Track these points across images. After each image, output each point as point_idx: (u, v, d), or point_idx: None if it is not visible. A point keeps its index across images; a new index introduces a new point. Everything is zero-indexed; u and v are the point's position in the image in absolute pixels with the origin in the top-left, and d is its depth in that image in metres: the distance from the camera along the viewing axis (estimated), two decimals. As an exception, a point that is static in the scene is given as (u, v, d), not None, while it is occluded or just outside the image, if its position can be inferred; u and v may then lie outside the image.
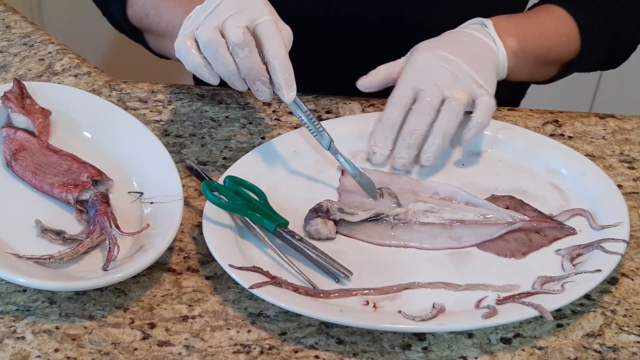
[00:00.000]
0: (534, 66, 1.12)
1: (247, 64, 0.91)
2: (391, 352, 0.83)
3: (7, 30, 1.26)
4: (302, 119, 0.98)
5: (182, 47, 0.94)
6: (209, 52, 0.92)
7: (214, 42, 0.91)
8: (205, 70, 0.93)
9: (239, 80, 0.93)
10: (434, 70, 1.00)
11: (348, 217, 0.94)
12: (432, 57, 1.01)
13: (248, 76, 0.93)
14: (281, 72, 0.92)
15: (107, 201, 0.93)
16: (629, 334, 0.85)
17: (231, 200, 0.93)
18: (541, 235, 0.94)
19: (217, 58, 0.92)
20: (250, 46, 0.91)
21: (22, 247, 0.90)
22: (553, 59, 1.13)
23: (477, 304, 0.86)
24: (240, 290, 0.88)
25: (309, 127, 0.98)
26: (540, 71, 1.15)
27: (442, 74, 1.00)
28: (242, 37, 0.90)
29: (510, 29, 1.07)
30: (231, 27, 0.91)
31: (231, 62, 0.92)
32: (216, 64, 0.92)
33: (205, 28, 0.92)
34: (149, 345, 0.83)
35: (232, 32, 0.90)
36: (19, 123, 1.01)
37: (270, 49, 0.91)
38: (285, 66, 0.92)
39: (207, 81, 0.94)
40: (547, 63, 1.14)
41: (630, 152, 1.08)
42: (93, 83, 1.15)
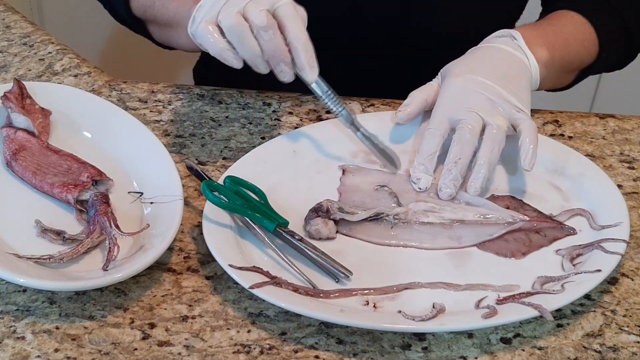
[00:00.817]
0: (560, 74, 1.11)
1: (272, 46, 0.92)
2: (391, 352, 0.83)
3: (7, 30, 1.26)
4: (323, 99, 0.99)
5: (205, 33, 0.94)
6: (234, 36, 0.93)
7: (238, 26, 0.92)
8: (229, 54, 0.94)
9: (263, 62, 0.94)
10: (471, 98, 0.98)
11: (348, 217, 0.94)
12: (467, 83, 1.00)
13: (272, 58, 0.93)
14: (303, 53, 0.93)
15: (107, 201, 0.93)
16: (629, 334, 0.85)
17: (231, 200, 0.93)
18: (541, 235, 0.94)
19: (242, 41, 0.92)
20: (273, 28, 0.92)
21: (22, 247, 0.90)
22: (576, 65, 1.13)
23: (477, 304, 0.86)
24: (240, 290, 0.88)
25: (330, 106, 0.99)
26: (564, 79, 1.14)
27: (479, 101, 0.98)
28: (265, 19, 0.91)
29: (539, 39, 1.05)
30: (254, 11, 0.92)
31: (255, 45, 0.92)
32: (241, 47, 0.93)
33: (228, 13, 0.92)
34: (149, 345, 0.83)
35: (255, 16, 0.91)
36: (19, 123, 1.01)
37: (292, 31, 0.92)
38: (307, 47, 0.93)
39: (230, 65, 0.94)
40: (571, 70, 1.13)
41: (630, 152, 1.08)
42: (93, 83, 1.15)
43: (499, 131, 0.96)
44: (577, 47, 1.11)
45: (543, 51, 1.04)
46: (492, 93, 0.98)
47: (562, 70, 1.10)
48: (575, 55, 1.11)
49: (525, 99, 1.00)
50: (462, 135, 0.96)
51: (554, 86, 1.15)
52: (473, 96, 0.99)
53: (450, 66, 1.03)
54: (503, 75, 1.01)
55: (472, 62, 1.03)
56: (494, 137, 0.96)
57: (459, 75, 1.01)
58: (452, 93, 1.00)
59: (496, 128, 0.96)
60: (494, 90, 0.99)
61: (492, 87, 0.99)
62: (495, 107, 0.98)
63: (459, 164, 0.96)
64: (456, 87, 1.00)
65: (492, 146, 0.96)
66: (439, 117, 0.99)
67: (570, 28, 1.12)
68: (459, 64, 1.03)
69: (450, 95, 1.00)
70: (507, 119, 0.98)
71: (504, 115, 0.98)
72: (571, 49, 1.10)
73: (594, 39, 1.12)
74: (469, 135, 0.96)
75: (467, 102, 0.98)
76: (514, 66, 1.02)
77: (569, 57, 1.10)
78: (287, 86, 1.00)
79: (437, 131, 0.99)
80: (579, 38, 1.11)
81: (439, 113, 1.00)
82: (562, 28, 1.11)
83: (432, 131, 0.99)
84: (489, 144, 0.96)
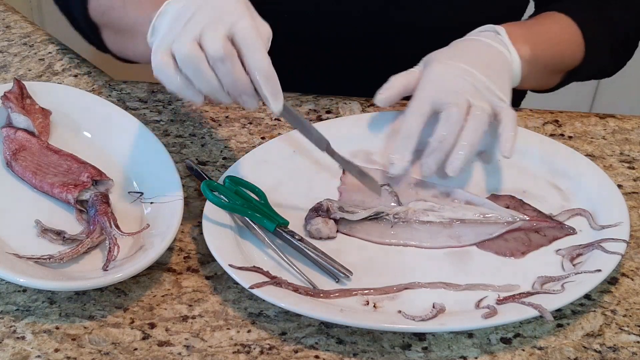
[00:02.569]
0: (542, 74, 1.11)
1: (230, 78, 0.85)
2: (391, 352, 0.83)
3: (7, 30, 1.26)
4: (295, 125, 0.94)
5: (160, 66, 0.85)
6: (189, 69, 0.84)
7: (193, 58, 0.83)
8: (187, 92, 0.86)
9: (224, 94, 0.87)
10: (456, 82, 0.98)
11: (348, 216, 0.94)
12: (450, 69, 0.99)
13: (233, 90, 0.86)
14: (265, 84, 0.85)
15: (107, 201, 0.93)
16: (629, 334, 0.85)
17: (231, 200, 0.93)
18: (541, 234, 0.94)
19: (198, 74, 0.84)
20: (231, 59, 0.84)
21: (22, 247, 0.89)
22: (560, 67, 1.13)
23: (477, 304, 0.86)
24: (240, 290, 0.88)
25: (303, 132, 0.94)
26: (547, 79, 1.14)
27: (464, 85, 0.98)
28: (222, 50, 0.83)
29: (523, 36, 1.05)
30: (209, 39, 0.83)
31: (213, 78, 0.85)
32: (197, 80, 0.85)
33: (182, 42, 0.84)
34: (149, 345, 0.83)
35: (211, 45, 0.83)
36: (19, 123, 1.01)
37: (252, 59, 0.84)
38: (268, 77, 0.85)
39: (191, 101, 0.87)
40: (554, 71, 1.13)
41: (630, 152, 1.08)
42: (93, 83, 1.15)
43: (483, 113, 0.96)
44: (562, 48, 1.11)
45: (526, 48, 1.04)
46: (475, 79, 0.98)
47: (545, 70, 1.10)
48: (560, 56, 1.11)
49: (506, 90, 1.00)
50: (449, 115, 0.95)
51: (537, 86, 1.15)
52: (457, 81, 0.98)
53: (433, 54, 1.03)
54: (485, 65, 1.00)
55: (456, 51, 1.03)
56: (478, 117, 0.96)
57: (443, 62, 1.00)
58: (435, 77, 0.99)
59: (480, 110, 0.96)
60: (476, 77, 0.98)
61: (475, 74, 0.99)
62: (478, 92, 0.98)
63: (443, 143, 0.95)
64: (440, 71, 0.99)
65: (477, 127, 0.95)
66: (420, 97, 0.98)
67: (556, 29, 1.11)
68: (442, 52, 1.03)
69: (433, 79, 0.99)
70: (489, 105, 0.98)
71: (487, 101, 0.98)
72: (555, 49, 1.10)
73: (580, 42, 1.12)
74: (456, 115, 0.95)
75: (452, 85, 0.98)
76: (496, 59, 1.02)
77: (553, 58, 1.10)
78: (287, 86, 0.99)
79: (419, 111, 0.97)
80: (564, 39, 1.11)
81: (421, 94, 0.98)
82: (547, 28, 1.11)
83: (414, 110, 0.98)
84: (473, 123, 0.95)
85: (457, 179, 1.00)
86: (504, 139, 0.95)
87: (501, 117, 0.97)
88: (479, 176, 1.01)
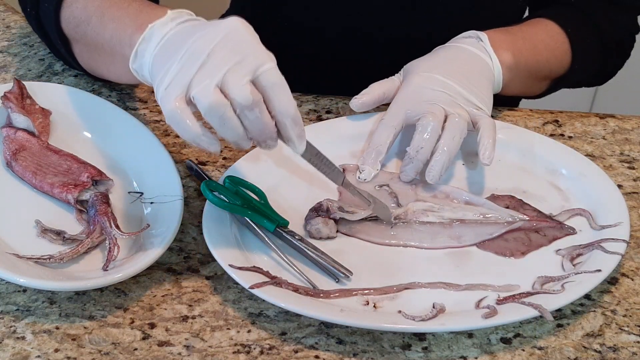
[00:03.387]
0: (527, 80, 1.11)
1: (258, 125, 0.81)
2: (391, 352, 0.83)
3: (7, 30, 1.26)
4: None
5: (176, 114, 0.80)
6: (215, 119, 0.80)
7: (219, 107, 0.79)
8: (205, 140, 0.81)
9: (246, 141, 0.83)
10: (430, 95, 0.99)
11: (348, 216, 0.94)
12: (426, 81, 1.00)
13: (258, 137, 0.82)
14: (293, 129, 0.83)
15: (107, 201, 0.93)
16: (629, 334, 0.85)
17: (231, 200, 0.93)
18: (541, 234, 0.94)
19: (224, 123, 0.80)
20: (260, 106, 0.80)
21: (22, 247, 0.89)
22: (545, 73, 1.12)
23: (477, 304, 0.86)
24: (240, 290, 0.88)
25: (321, 168, 0.90)
26: (532, 86, 1.14)
27: (438, 96, 0.99)
28: (250, 97, 0.79)
29: (505, 42, 1.05)
30: (235, 85, 0.79)
31: (239, 126, 0.81)
32: (222, 129, 0.81)
33: (205, 88, 0.79)
34: (149, 345, 0.83)
35: (238, 92, 0.79)
36: (19, 123, 1.01)
37: (279, 104, 0.81)
38: (296, 121, 0.82)
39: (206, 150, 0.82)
40: (539, 78, 1.13)
41: (630, 152, 1.08)
42: (93, 83, 1.15)
43: (460, 119, 0.97)
44: (547, 55, 1.11)
45: (507, 55, 1.05)
46: (451, 91, 0.99)
47: (529, 77, 1.10)
48: (545, 62, 1.11)
49: (485, 99, 1.01)
50: (425, 124, 0.97)
51: (522, 92, 1.15)
52: (432, 93, 0.99)
53: (413, 64, 1.04)
54: (464, 74, 1.01)
55: (434, 60, 1.04)
56: (456, 124, 0.97)
57: (419, 74, 1.01)
58: (411, 90, 1.00)
59: (458, 117, 0.97)
60: (453, 89, 0.99)
61: (451, 86, 0.99)
62: (455, 102, 0.99)
63: (420, 152, 0.96)
64: (415, 84, 1.00)
65: (454, 133, 0.96)
66: (394, 110, 1.00)
67: (542, 36, 1.11)
68: (421, 63, 1.04)
69: (409, 91, 1.01)
70: (467, 113, 0.99)
71: (464, 110, 0.99)
72: (540, 56, 1.10)
73: (566, 49, 1.12)
74: (432, 123, 0.96)
75: (427, 97, 0.99)
76: (477, 67, 1.03)
77: (537, 64, 1.10)
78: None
79: (390, 122, 0.99)
80: (550, 46, 1.11)
81: (395, 107, 1.00)
82: (533, 35, 1.11)
83: (385, 122, 1.00)
84: (451, 131, 0.96)
85: (457, 179, 1.00)
86: (483, 146, 0.96)
87: (479, 125, 0.98)
88: (479, 176, 1.01)
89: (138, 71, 0.88)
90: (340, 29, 1.19)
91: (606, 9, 1.15)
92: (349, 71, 1.20)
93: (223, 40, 0.81)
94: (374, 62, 1.19)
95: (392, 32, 1.17)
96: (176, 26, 0.85)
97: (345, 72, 1.20)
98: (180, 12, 0.87)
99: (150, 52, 0.85)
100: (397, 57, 1.06)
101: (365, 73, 1.07)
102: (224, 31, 0.81)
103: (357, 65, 1.20)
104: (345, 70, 1.20)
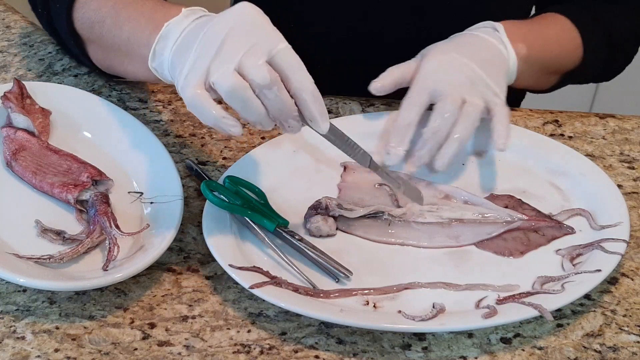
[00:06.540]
0: (538, 74, 1.11)
1: (278, 103, 0.83)
2: (391, 352, 0.83)
3: (7, 30, 1.26)
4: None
5: (196, 101, 0.83)
6: (236, 101, 0.83)
7: (240, 89, 0.82)
8: (228, 122, 0.83)
9: (268, 120, 0.85)
10: (451, 74, 0.98)
11: (346, 213, 0.94)
12: (447, 60, 0.99)
13: (279, 115, 0.85)
14: (313, 104, 0.84)
15: (107, 201, 0.93)
16: (629, 334, 0.85)
17: (231, 200, 0.93)
18: (539, 234, 0.94)
19: (246, 105, 0.83)
20: (278, 84, 0.83)
21: (22, 247, 0.89)
22: (556, 67, 1.13)
23: (477, 304, 0.86)
24: (240, 290, 0.88)
25: (347, 151, 0.92)
26: (543, 79, 1.14)
27: (460, 77, 0.98)
28: (268, 76, 0.81)
29: (520, 34, 1.05)
30: (252, 67, 0.81)
31: (260, 106, 0.83)
32: (245, 111, 0.84)
33: (224, 73, 0.82)
34: (149, 345, 0.83)
35: (255, 73, 0.81)
36: (19, 123, 1.01)
37: (297, 81, 0.83)
38: (316, 97, 0.84)
39: (228, 133, 0.85)
40: (551, 71, 1.13)
41: (630, 152, 1.08)
42: (93, 83, 1.15)
43: (475, 109, 0.96)
44: (559, 49, 1.11)
45: (523, 46, 1.05)
46: (471, 72, 0.99)
47: (541, 70, 1.10)
48: (556, 57, 1.11)
49: (501, 86, 1.01)
50: (444, 107, 0.96)
51: (532, 86, 1.15)
52: (454, 73, 0.98)
53: (431, 47, 1.03)
54: (483, 60, 1.01)
55: (454, 44, 1.04)
56: (470, 114, 0.96)
57: (440, 53, 1.01)
58: (433, 68, 1.00)
59: (473, 107, 0.97)
60: (473, 70, 0.99)
61: (471, 67, 0.99)
62: (474, 86, 0.98)
63: (437, 135, 0.96)
64: (438, 63, 1.00)
65: (467, 124, 0.96)
66: (418, 88, 0.99)
67: (554, 30, 1.12)
68: (439, 45, 1.03)
69: (431, 69, 1.00)
70: (483, 99, 0.98)
71: (481, 96, 0.98)
72: (552, 50, 1.10)
73: (578, 44, 1.12)
74: (450, 107, 0.96)
75: (449, 77, 0.98)
76: (493, 55, 1.03)
77: (549, 58, 1.10)
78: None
79: (417, 101, 0.98)
80: (561, 41, 1.11)
81: (418, 85, 0.99)
82: (545, 29, 1.11)
83: (411, 100, 0.98)
84: (465, 120, 0.96)
85: (456, 179, 1.00)
86: (497, 134, 0.96)
87: (494, 113, 0.98)
88: (478, 176, 1.01)
89: (158, 69, 0.91)
90: (347, 30, 1.18)
91: (613, 9, 1.15)
92: (354, 72, 1.20)
93: (236, 26, 0.84)
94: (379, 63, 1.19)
95: (399, 33, 1.17)
96: (191, 23, 0.88)
97: (349, 73, 1.20)
98: (194, 10, 0.90)
99: (168, 49, 0.88)
100: (402, 58, 1.06)
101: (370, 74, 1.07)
102: (235, 17, 0.85)
103: (362, 65, 1.20)
104: (350, 71, 1.20)
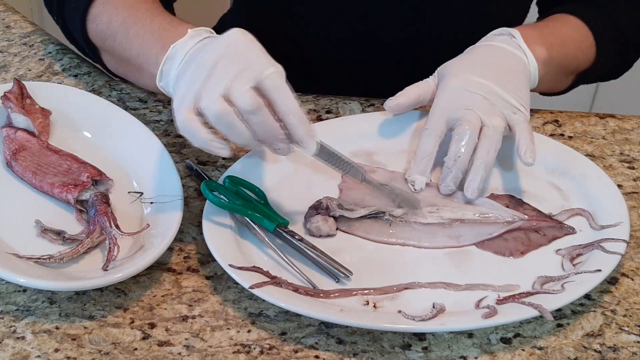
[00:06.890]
0: (557, 76, 1.11)
1: (263, 128, 0.85)
2: (391, 352, 0.83)
3: (7, 30, 1.26)
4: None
5: (186, 124, 0.86)
6: (223, 126, 0.85)
7: (225, 115, 0.84)
8: (216, 145, 0.86)
9: (255, 143, 0.87)
10: (468, 98, 0.98)
11: (347, 213, 0.94)
12: (463, 83, 0.99)
13: (266, 138, 0.87)
14: (300, 127, 0.86)
15: (107, 201, 0.93)
16: (629, 334, 0.85)
17: (231, 200, 0.93)
18: (540, 234, 0.94)
19: (231, 129, 0.85)
20: (262, 110, 0.85)
21: (22, 247, 0.90)
22: (573, 67, 1.13)
23: (477, 304, 0.86)
24: (240, 290, 0.88)
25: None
26: (560, 81, 1.14)
27: (476, 100, 0.98)
28: (251, 102, 0.84)
29: (538, 37, 1.05)
30: (238, 93, 0.84)
31: (245, 130, 0.85)
32: (231, 135, 0.86)
33: (211, 99, 0.84)
34: (149, 345, 0.83)
35: (240, 99, 0.84)
36: (19, 123, 1.01)
37: (282, 104, 0.85)
38: (302, 120, 0.86)
39: (218, 155, 0.87)
40: (567, 72, 1.13)
41: (630, 152, 1.08)
42: (93, 83, 1.15)
43: (495, 132, 0.97)
44: (575, 49, 1.11)
45: (542, 49, 1.04)
46: (489, 92, 0.98)
47: (559, 72, 1.10)
48: (573, 56, 1.11)
49: (523, 97, 1.00)
50: (461, 133, 0.96)
51: (550, 89, 1.15)
52: (470, 96, 0.98)
53: (448, 65, 1.03)
54: (501, 73, 1.00)
55: (469, 61, 1.03)
56: (490, 137, 0.96)
57: (456, 76, 1.01)
58: (449, 93, 1.00)
59: (493, 129, 0.97)
60: (491, 89, 0.98)
61: (489, 87, 0.99)
62: (492, 107, 0.98)
63: (458, 161, 0.96)
64: (453, 87, 1.00)
65: (489, 147, 0.96)
66: (436, 117, 0.99)
67: (568, 30, 1.11)
68: (456, 64, 1.03)
69: (447, 95, 1.00)
70: (504, 118, 0.98)
71: (501, 116, 0.98)
72: (569, 50, 1.10)
73: (591, 42, 1.12)
74: (468, 132, 0.96)
75: (464, 101, 0.98)
76: (513, 64, 1.02)
77: (567, 58, 1.10)
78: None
79: (434, 131, 0.99)
80: (576, 40, 1.11)
81: (436, 113, 0.99)
82: (559, 29, 1.11)
83: (429, 132, 0.99)
84: (486, 144, 0.96)
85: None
86: (523, 150, 0.95)
87: (516, 130, 0.97)
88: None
89: (165, 88, 0.95)
90: (346, 30, 1.18)
91: (619, 5, 1.15)
92: (354, 72, 1.20)
93: (226, 52, 0.86)
94: (379, 63, 1.19)
95: (399, 33, 1.17)
96: (195, 44, 0.91)
97: (349, 73, 1.20)
98: (199, 31, 0.93)
99: (174, 70, 0.92)
100: (402, 58, 1.06)
101: (370, 74, 1.07)
102: (225, 43, 0.87)
103: (362, 65, 1.20)
104: (350, 71, 1.20)
